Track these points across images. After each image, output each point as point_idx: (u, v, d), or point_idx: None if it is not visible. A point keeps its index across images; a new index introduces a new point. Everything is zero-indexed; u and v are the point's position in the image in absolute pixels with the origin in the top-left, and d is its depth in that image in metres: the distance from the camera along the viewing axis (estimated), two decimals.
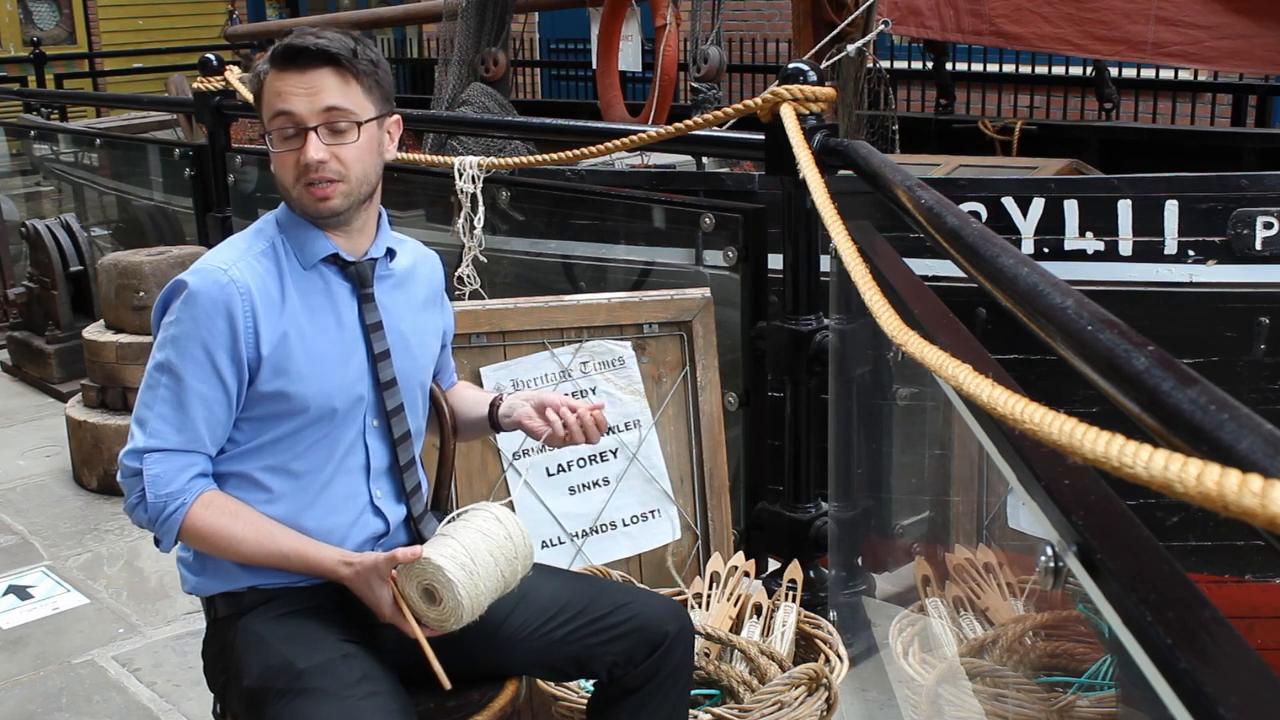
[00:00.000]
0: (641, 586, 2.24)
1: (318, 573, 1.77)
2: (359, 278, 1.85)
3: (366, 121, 1.78)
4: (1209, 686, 0.80)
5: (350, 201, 1.80)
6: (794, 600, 2.55)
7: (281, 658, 1.72)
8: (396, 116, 1.88)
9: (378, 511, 1.88)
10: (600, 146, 3.23)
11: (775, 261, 2.91)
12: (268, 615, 1.79)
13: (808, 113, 2.70)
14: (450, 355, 2.14)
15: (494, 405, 2.05)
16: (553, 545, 2.70)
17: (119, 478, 1.80)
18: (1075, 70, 7.02)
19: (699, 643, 2.27)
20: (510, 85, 5.68)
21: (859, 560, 2.95)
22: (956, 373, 1.20)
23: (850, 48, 4.67)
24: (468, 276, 3.35)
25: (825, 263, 2.71)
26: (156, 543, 1.81)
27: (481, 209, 3.35)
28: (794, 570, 2.63)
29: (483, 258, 3.36)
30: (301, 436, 1.80)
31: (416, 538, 1.91)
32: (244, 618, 1.80)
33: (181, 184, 5.56)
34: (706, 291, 2.83)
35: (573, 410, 1.94)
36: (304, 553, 1.77)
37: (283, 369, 1.77)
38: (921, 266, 2.74)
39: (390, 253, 1.92)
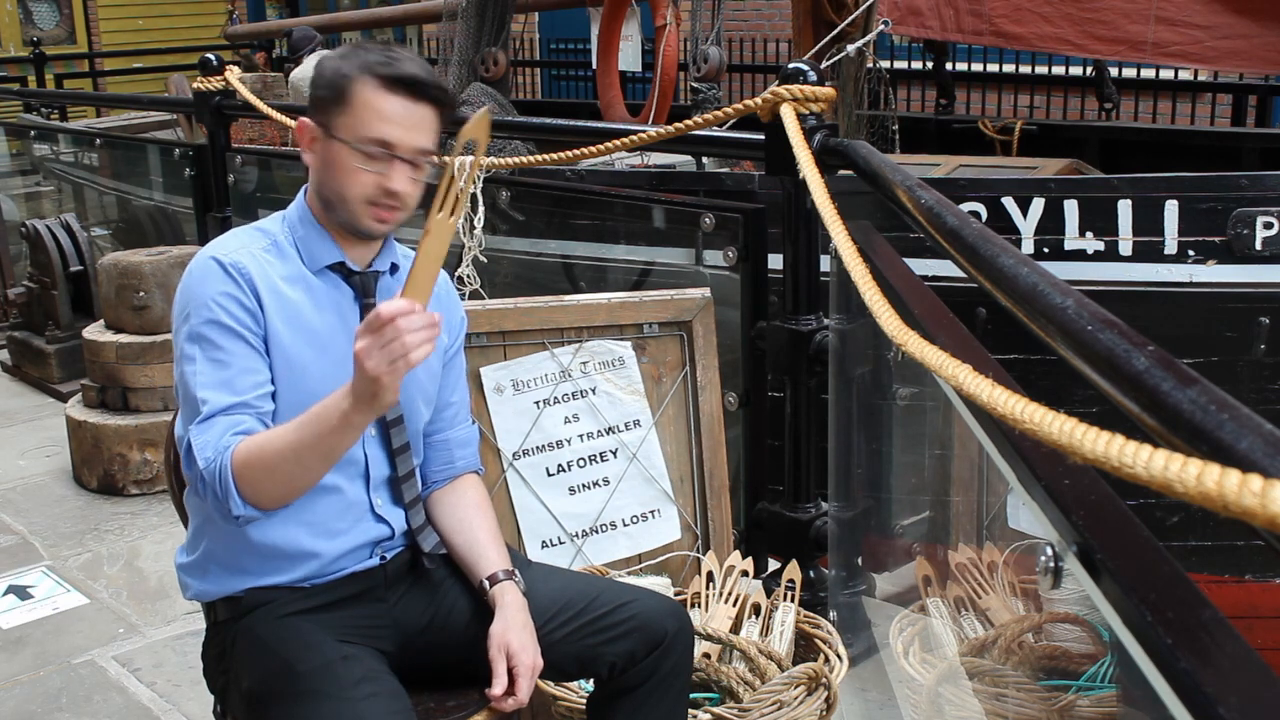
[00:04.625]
0: (641, 585, 2.24)
1: (340, 418, 1.64)
2: (363, 287, 1.87)
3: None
4: (1209, 686, 0.80)
5: (398, 226, 1.85)
6: (793, 600, 2.55)
7: (281, 660, 1.72)
8: None
9: (380, 519, 1.89)
10: (600, 146, 3.23)
11: (775, 261, 2.91)
12: (268, 617, 1.78)
13: (808, 113, 2.70)
14: (460, 383, 2.07)
15: (490, 580, 1.90)
16: (553, 545, 2.70)
17: (184, 469, 1.74)
18: (1075, 70, 7.02)
19: (698, 643, 2.27)
20: (510, 85, 5.67)
21: (859, 560, 2.95)
22: (956, 373, 1.20)
23: (850, 48, 4.68)
24: (468, 276, 3.35)
25: (825, 263, 2.71)
26: (228, 513, 1.70)
27: (481, 209, 3.34)
28: (793, 570, 2.63)
29: (483, 258, 3.36)
30: None
31: (415, 550, 1.92)
32: (244, 620, 1.80)
33: (181, 184, 5.56)
34: (706, 291, 2.83)
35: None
36: (317, 414, 1.67)
37: (282, 353, 1.77)
38: (921, 266, 2.74)
39: (394, 267, 1.93)
